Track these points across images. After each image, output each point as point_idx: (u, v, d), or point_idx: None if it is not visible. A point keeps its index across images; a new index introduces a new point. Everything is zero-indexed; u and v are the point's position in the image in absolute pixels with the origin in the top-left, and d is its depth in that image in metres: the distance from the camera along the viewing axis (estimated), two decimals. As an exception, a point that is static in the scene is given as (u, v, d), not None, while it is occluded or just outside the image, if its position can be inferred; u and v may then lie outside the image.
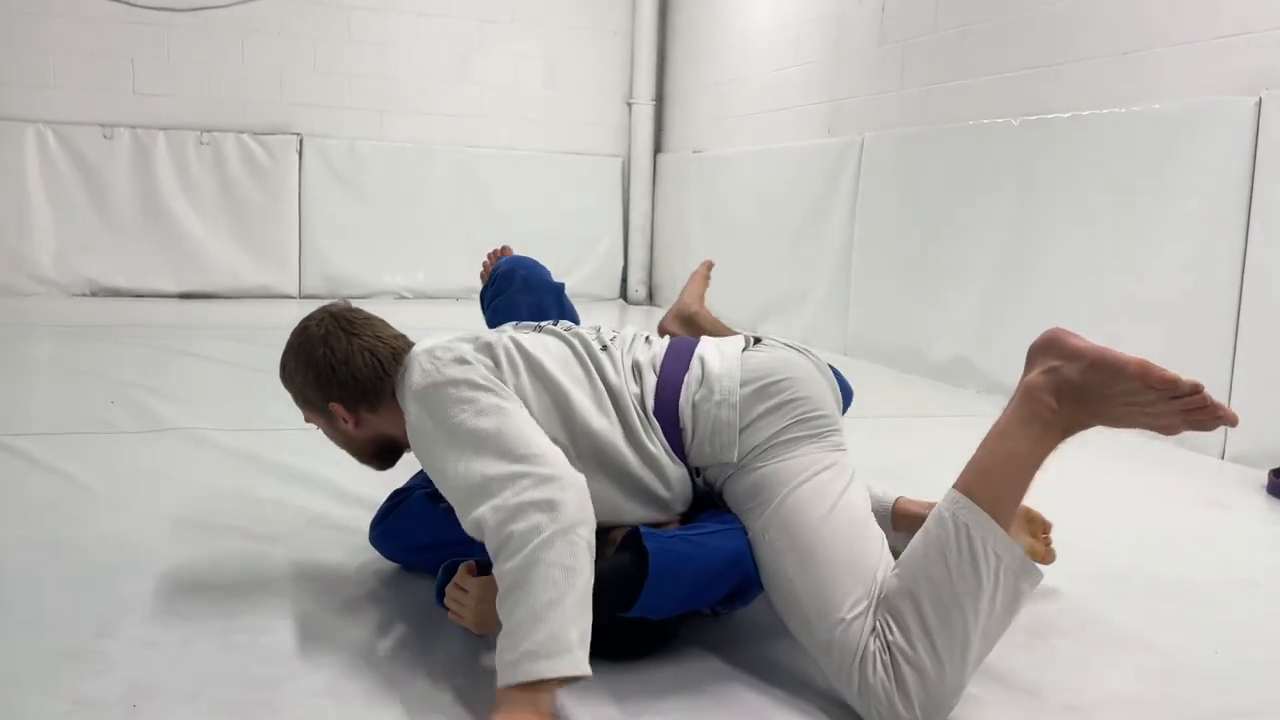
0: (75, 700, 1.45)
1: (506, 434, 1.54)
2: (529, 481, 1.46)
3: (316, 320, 1.84)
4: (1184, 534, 2.55)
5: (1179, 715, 1.55)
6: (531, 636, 1.35)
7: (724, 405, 1.67)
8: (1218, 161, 3.31)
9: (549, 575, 1.38)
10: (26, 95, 6.45)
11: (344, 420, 1.81)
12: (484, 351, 1.70)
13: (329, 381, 1.78)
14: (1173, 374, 1.40)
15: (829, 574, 1.51)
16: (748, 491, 1.65)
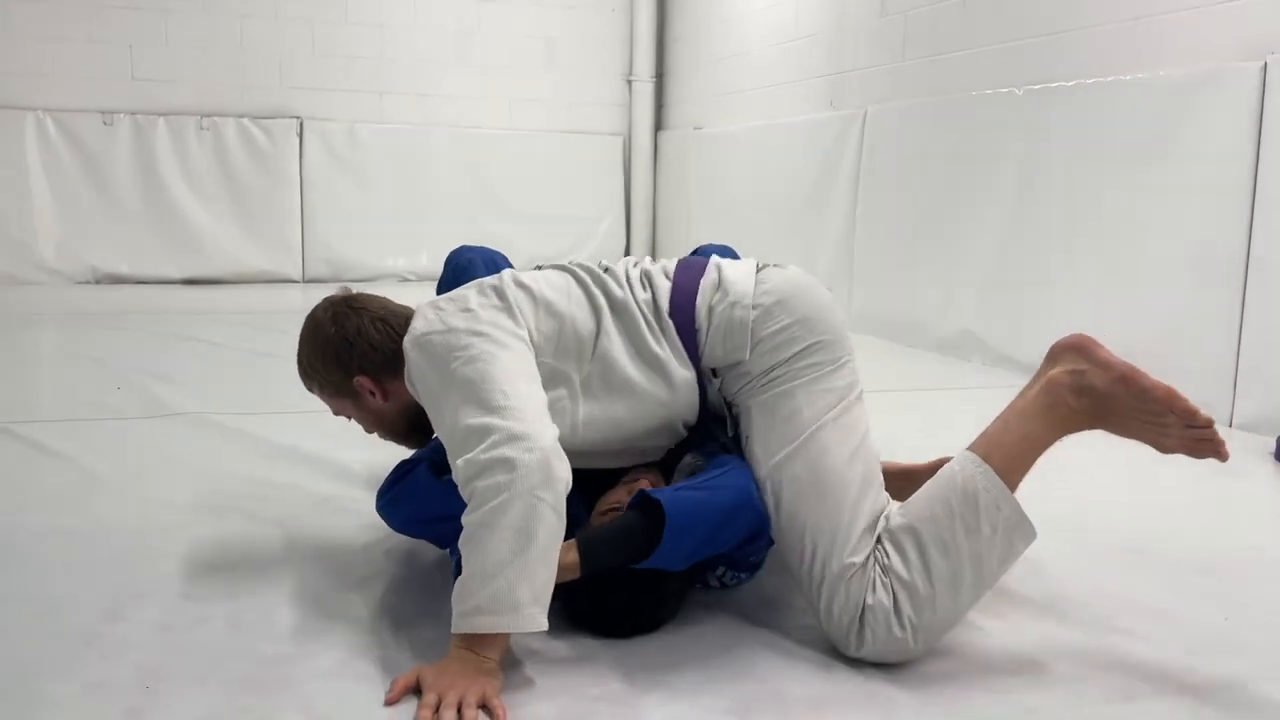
0: (88, 683, 1.45)
1: (489, 382, 1.54)
2: (498, 437, 1.47)
3: (321, 308, 1.85)
4: (1191, 501, 2.55)
5: (1190, 681, 1.55)
6: (479, 593, 1.41)
7: (738, 306, 1.72)
8: (1223, 128, 3.29)
9: (501, 536, 1.41)
10: (26, 83, 6.44)
11: (371, 393, 1.80)
12: (490, 294, 1.72)
13: (347, 356, 1.78)
14: (1194, 405, 1.53)
15: (846, 516, 1.57)
16: (769, 412, 1.67)
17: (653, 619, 1.64)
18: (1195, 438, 1.56)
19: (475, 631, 1.42)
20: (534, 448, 1.46)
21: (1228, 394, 3.28)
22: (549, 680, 1.48)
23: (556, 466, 1.47)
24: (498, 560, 1.41)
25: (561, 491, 1.46)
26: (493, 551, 1.41)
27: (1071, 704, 1.46)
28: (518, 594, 1.41)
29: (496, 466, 1.44)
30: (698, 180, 7.05)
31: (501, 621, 1.41)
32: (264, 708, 1.39)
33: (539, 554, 1.43)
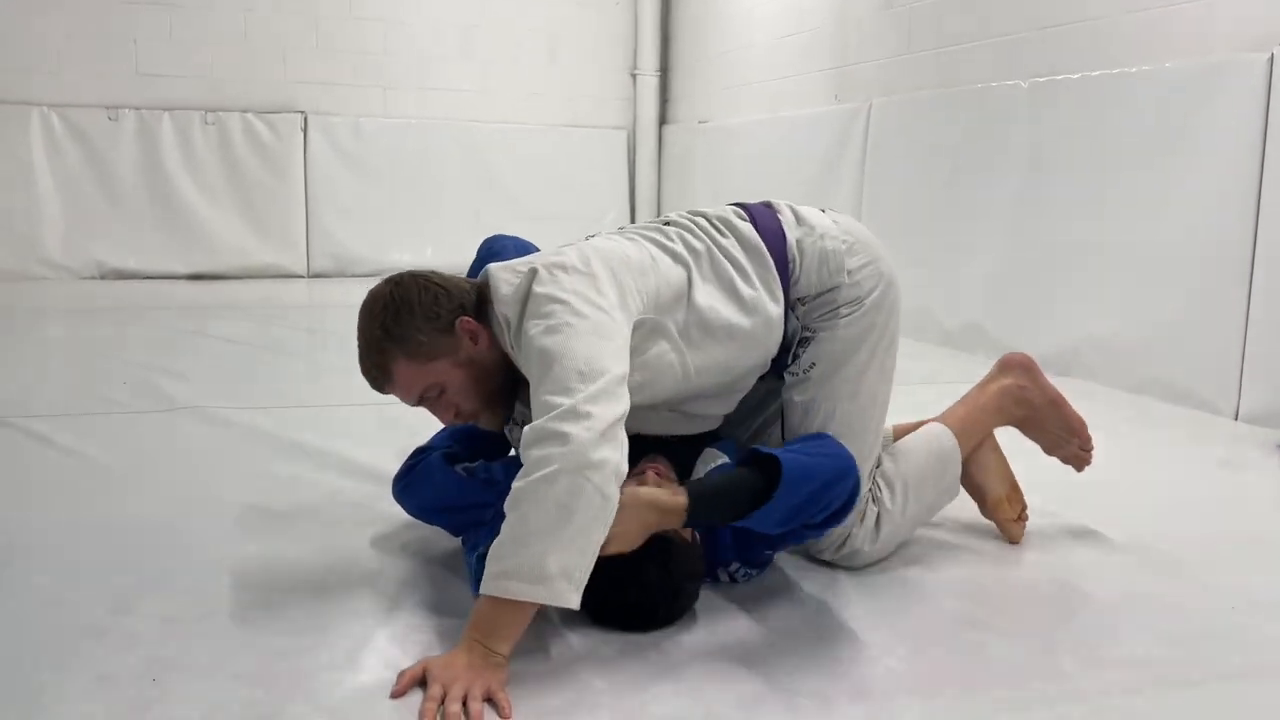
0: (96, 675, 1.46)
1: (566, 356, 1.54)
2: (562, 411, 1.47)
3: (381, 286, 1.76)
4: (1196, 494, 2.54)
5: (1197, 674, 1.55)
6: (510, 558, 1.43)
7: (827, 238, 1.88)
8: (1230, 120, 3.28)
9: (543, 507, 1.43)
10: (30, 78, 6.44)
11: (473, 337, 1.71)
12: (572, 259, 1.69)
13: (446, 299, 1.71)
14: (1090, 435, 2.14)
15: (867, 453, 1.87)
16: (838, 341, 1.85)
17: (669, 614, 1.63)
18: (1080, 455, 2.14)
19: (503, 595, 1.43)
20: (592, 427, 1.46)
21: (1233, 387, 3.27)
22: (554, 673, 1.49)
23: (607, 449, 1.46)
24: (534, 530, 1.42)
25: (610, 474, 1.46)
26: (531, 520, 1.42)
27: (1076, 698, 1.46)
28: (547, 565, 1.42)
29: (552, 439, 1.45)
30: (703, 174, 7.04)
31: (528, 590, 1.42)
32: (271, 700, 1.40)
33: (576, 531, 1.43)
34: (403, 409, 3.17)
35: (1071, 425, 2.11)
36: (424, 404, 1.77)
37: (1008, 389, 2.09)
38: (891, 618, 1.70)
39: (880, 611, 1.72)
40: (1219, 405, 3.30)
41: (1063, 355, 3.87)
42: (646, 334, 1.71)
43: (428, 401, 1.76)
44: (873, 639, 1.62)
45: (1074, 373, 3.79)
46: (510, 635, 1.46)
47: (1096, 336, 3.77)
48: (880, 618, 1.70)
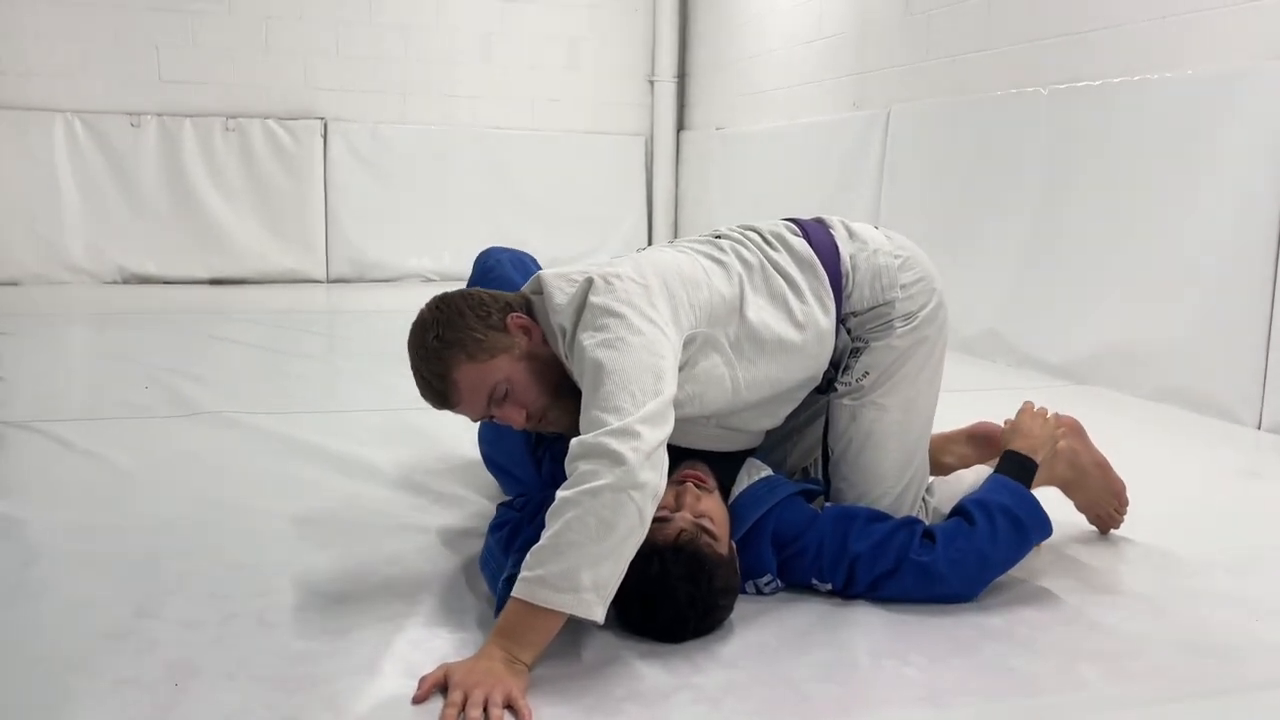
0: (118, 679, 1.47)
1: (618, 372, 1.55)
2: (613, 430, 1.49)
3: (428, 306, 1.79)
4: (1220, 503, 2.52)
5: (1219, 684, 1.54)
6: (546, 565, 1.45)
7: (880, 254, 1.92)
8: (1251, 127, 3.26)
9: (584, 520, 1.44)
10: (54, 85, 6.50)
11: (525, 332, 1.72)
12: (627, 270, 1.70)
13: (491, 303, 1.73)
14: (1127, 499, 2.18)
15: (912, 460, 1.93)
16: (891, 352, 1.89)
17: (700, 629, 1.62)
18: (1113, 517, 2.17)
19: (534, 601, 1.44)
20: (639, 448, 1.48)
21: (1256, 395, 3.24)
22: (575, 681, 1.49)
23: (651, 471, 1.49)
24: (573, 541, 1.44)
25: (650, 496, 1.49)
26: (572, 531, 1.44)
27: (1096, 707, 1.45)
28: (581, 577, 1.44)
29: (602, 455, 1.47)
30: (720, 180, 7.04)
31: (559, 599, 1.44)
32: (292, 704, 1.40)
33: (612, 547, 1.46)
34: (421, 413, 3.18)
35: (1114, 488, 2.15)
36: (492, 410, 1.74)
37: (1061, 452, 2.07)
38: (910, 627, 1.69)
39: (898, 621, 1.71)
40: (1241, 414, 3.27)
41: (1083, 363, 3.85)
42: (698, 347, 1.72)
43: (495, 405, 1.73)
44: (891, 648, 1.61)
45: (1094, 381, 3.77)
46: (535, 643, 1.46)
47: (1117, 344, 3.75)
48: (898, 627, 1.69)
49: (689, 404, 1.71)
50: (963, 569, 1.75)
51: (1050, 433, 1.98)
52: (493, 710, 1.36)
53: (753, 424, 1.89)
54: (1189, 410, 3.43)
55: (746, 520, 1.75)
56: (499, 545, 1.79)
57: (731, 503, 1.78)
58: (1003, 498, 1.81)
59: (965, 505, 1.82)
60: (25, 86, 6.44)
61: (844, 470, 1.94)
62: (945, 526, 1.79)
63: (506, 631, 1.46)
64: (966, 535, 1.76)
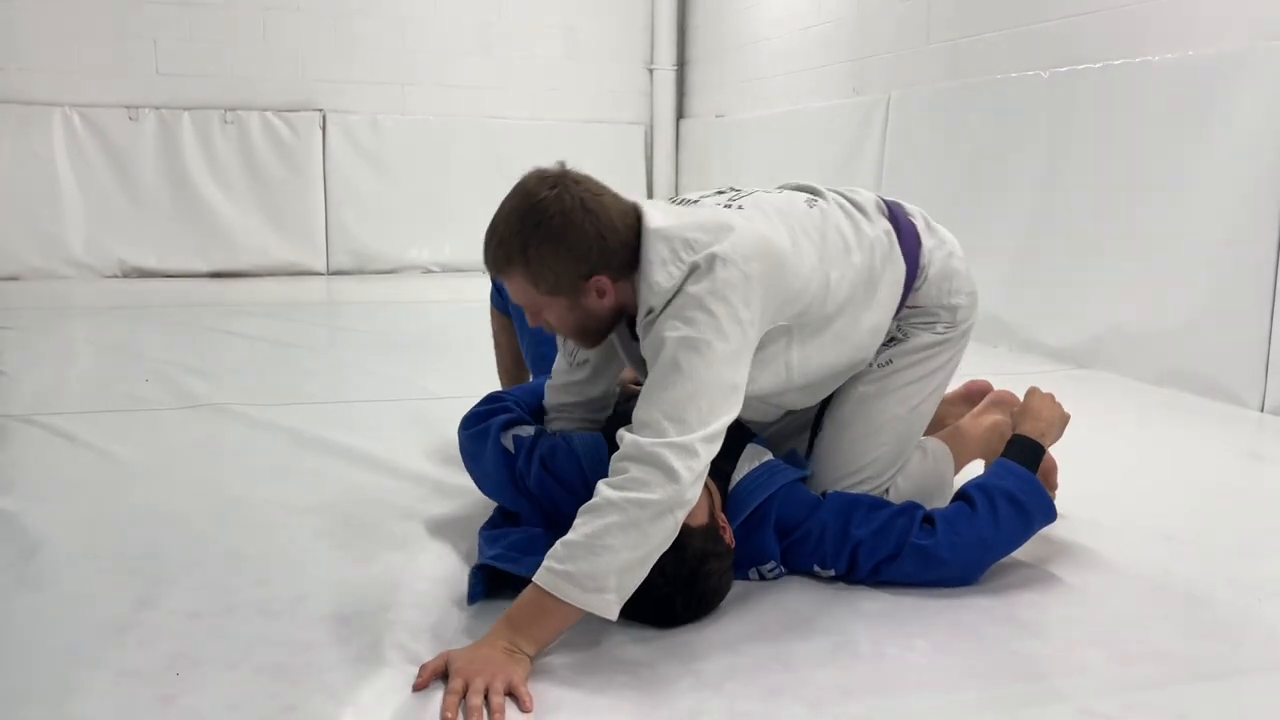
0: (120, 670, 1.47)
1: (695, 381, 1.54)
2: (675, 444, 1.49)
3: (550, 185, 1.67)
4: (1223, 486, 2.52)
5: (1223, 666, 1.54)
6: (577, 562, 1.44)
7: (954, 257, 1.96)
8: (1253, 108, 3.24)
9: (625, 529, 1.45)
10: (52, 79, 6.49)
11: (600, 294, 1.68)
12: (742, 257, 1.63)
13: (597, 254, 1.64)
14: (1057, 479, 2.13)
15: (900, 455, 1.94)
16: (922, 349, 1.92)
17: (689, 601, 1.61)
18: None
19: (556, 594, 1.44)
20: (694, 468, 1.49)
21: (1259, 378, 3.23)
22: (576, 667, 1.49)
23: (696, 490, 1.51)
24: (610, 544, 1.44)
25: (687, 510, 1.51)
26: (611, 535, 1.44)
27: (1102, 691, 1.45)
28: (609, 581, 1.45)
29: (658, 466, 1.47)
30: (720, 168, 7.02)
31: (583, 597, 1.44)
32: (293, 694, 1.40)
33: (643, 556, 1.47)
34: (422, 403, 3.18)
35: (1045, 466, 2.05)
36: (527, 314, 1.74)
37: (997, 425, 2.14)
38: (912, 611, 1.69)
39: (901, 605, 1.71)
40: (1244, 397, 3.27)
41: (1085, 347, 3.84)
42: (770, 336, 1.72)
43: (531, 316, 1.73)
44: (893, 633, 1.61)
45: (1097, 365, 3.76)
46: (543, 637, 1.46)
47: (1119, 328, 3.74)
48: (901, 611, 1.69)
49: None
50: (964, 554, 1.75)
51: (1059, 416, 1.97)
52: (494, 698, 1.35)
53: (789, 404, 1.89)
54: (1192, 393, 3.42)
55: (748, 505, 1.75)
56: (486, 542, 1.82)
57: (733, 489, 1.77)
58: (1006, 483, 1.80)
59: (968, 490, 1.81)
60: (23, 81, 6.43)
61: (829, 448, 1.94)
62: (946, 511, 1.79)
63: (516, 619, 1.46)
64: (968, 520, 1.76)
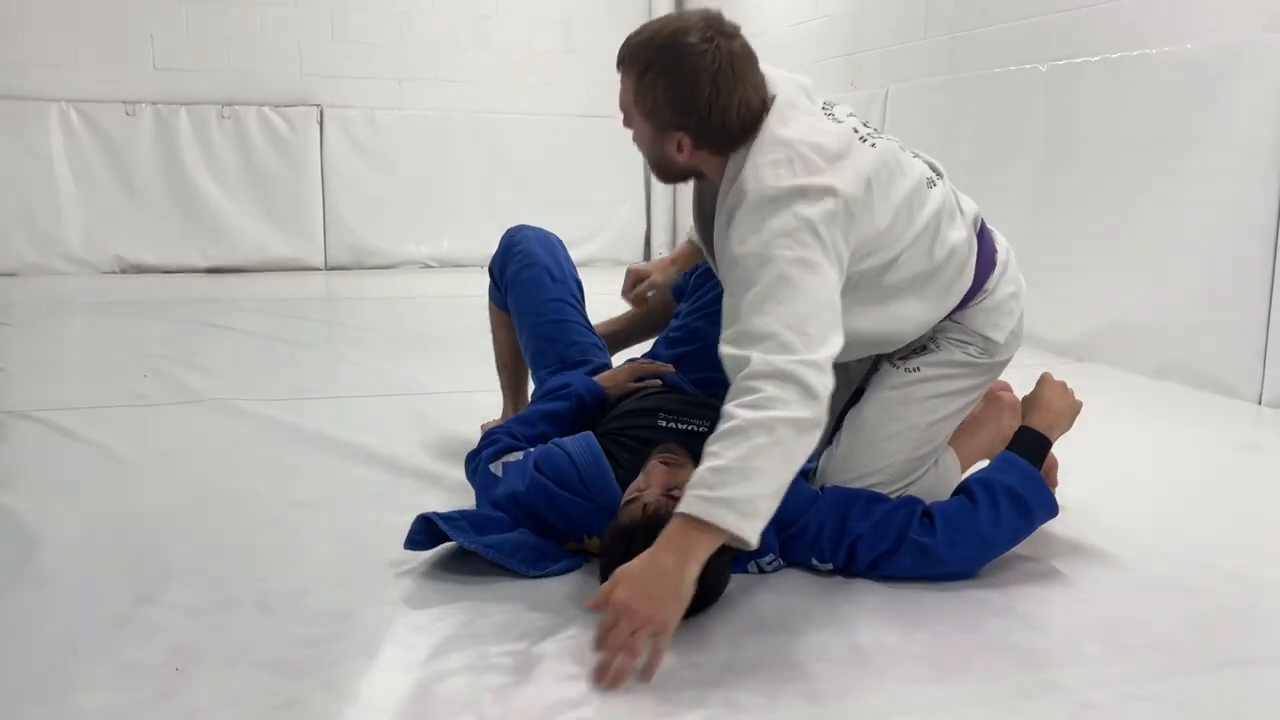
0: (120, 665, 1.47)
1: (805, 299, 1.54)
2: (806, 361, 1.49)
3: (708, 37, 1.68)
4: (1221, 479, 2.52)
5: (1220, 658, 1.54)
6: (735, 486, 1.42)
7: (1016, 298, 1.97)
8: (1252, 101, 3.24)
9: (773, 450, 1.44)
10: (48, 74, 6.47)
11: (678, 149, 1.72)
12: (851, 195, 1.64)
13: (696, 119, 1.67)
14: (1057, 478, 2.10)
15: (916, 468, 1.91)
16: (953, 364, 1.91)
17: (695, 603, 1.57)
18: None
19: (714, 522, 1.42)
20: (828, 385, 1.50)
21: (1257, 370, 3.24)
22: (574, 660, 1.49)
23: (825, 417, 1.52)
24: (759, 467, 1.43)
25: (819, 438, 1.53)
26: (760, 458, 1.43)
27: (1101, 683, 1.45)
28: (760, 505, 1.44)
29: (795, 384, 1.47)
30: (718, 162, 7.01)
31: (737, 523, 1.42)
32: (293, 689, 1.40)
33: (785, 482, 1.48)
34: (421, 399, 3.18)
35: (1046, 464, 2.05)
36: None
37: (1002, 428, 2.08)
38: (911, 604, 1.69)
39: (900, 598, 1.71)
40: (1242, 390, 3.27)
41: (1083, 340, 3.84)
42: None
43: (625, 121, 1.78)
44: (892, 625, 1.62)
45: (1095, 358, 3.76)
46: (708, 549, 1.44)
47: (1117, 321, 3.74)
48: (900, 604, 1.69)
49: None
50: (963, 550, 1.75)
51: (1070, 406, 1.94)
52: (635, 640, 1.37)
53: None
54: (1190, 386, 3.42)
55: None
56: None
57: None
58: (1009, 478, 1.79)
59: (969, 484, 1.81)
60: (20, 77, 6.41)
61: (846, 448, 1.93)
62: (946, 506, 1.79)
63: (674, 546, 1.43)
64: (968, 516, 1.75)
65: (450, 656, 1.49)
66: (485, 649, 1.52)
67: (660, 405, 2.00)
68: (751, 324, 1.53)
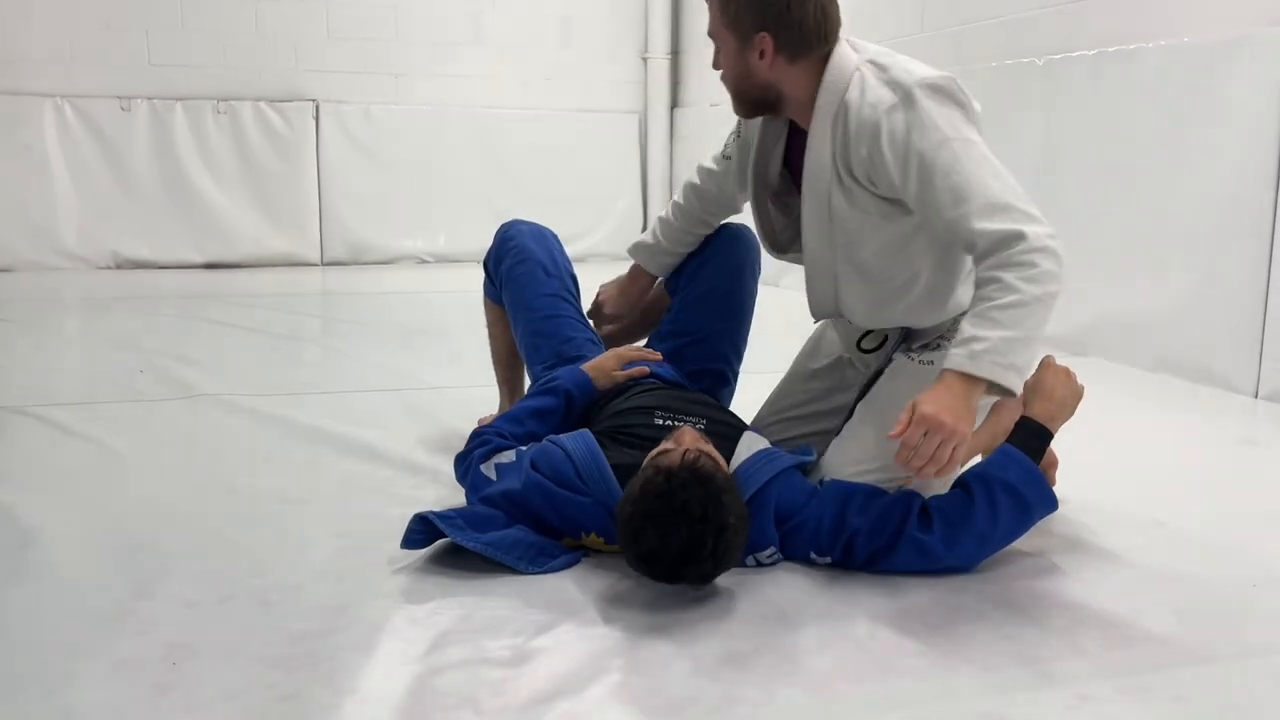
0: (116, 659, 1.47)
1: (1005, 175, 1.75)
2: (1046, 230, 1.70)
3: None
4: (1218, 471, 2.53)
5: (1218, 650, 1.54)
6: (1021, 354, 1.68)
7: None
8: (1247, 94, 3.24)
9: (1045, 320, 1.68)
10: (43, 70, 6.45)
11: (760, 55, 1.85)
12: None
13: (774, 13, 1.82)
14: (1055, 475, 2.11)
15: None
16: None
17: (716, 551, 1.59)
18: None
19: (1006, 385, 1.67)
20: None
21: (1253, 364, 3.24)
22: (570, 652, 1.49)
23: None
24: (1034, 335, 1.67)
25: None
26: (1039, 328, 1.67)
27: (1098, 675, 1.45)
28: (1029, 368, 1.71)
29: (1055, 259, 1.68)
30: (715, 157, 7.00)
31: (1017, 383, 1.70)
32: (291, 683, 1.40)
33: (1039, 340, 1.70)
34: (418, 393, 3.18)
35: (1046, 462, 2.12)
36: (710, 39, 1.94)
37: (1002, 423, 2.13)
38: (908, 597, 1.69)
39: (897, 591, 1.71)
40: (1238, 383, 3.27)
41: (1079, 334, 3.84)
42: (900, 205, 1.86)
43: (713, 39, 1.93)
44: (889, 618, 1.62)
45: (1091, 352, 3.76)
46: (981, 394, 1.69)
47: (1113, 315, 3.75)
48: (897, 597, 1.69)
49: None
50: (960, 547, 1.75)
51: (1073, 394, 1.91)
52: (943, 450, 1.63)
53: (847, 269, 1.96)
54: (1186, 380, 3.43)
55: (747, 491, 1.75)
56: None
57: (732, 474, 1.78)
58: (1008, 474, 1.76)
59: (967, 479, 1.80)
60: (14, 72, 6.39)
61: (853, 432, 1.98)
62: (943, 502, 1.78)
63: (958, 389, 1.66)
64: (965, 513, 1.75)
65: (448, 650, 1.49)
66: (483, 643, 1.52)
67: (657, 403, 2.00)
68: (990, 196, 1.72)
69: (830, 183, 1.86)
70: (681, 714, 1.34)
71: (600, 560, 1.81)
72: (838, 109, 1.83)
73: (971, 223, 1.71)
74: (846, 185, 1.86)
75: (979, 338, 1.67)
